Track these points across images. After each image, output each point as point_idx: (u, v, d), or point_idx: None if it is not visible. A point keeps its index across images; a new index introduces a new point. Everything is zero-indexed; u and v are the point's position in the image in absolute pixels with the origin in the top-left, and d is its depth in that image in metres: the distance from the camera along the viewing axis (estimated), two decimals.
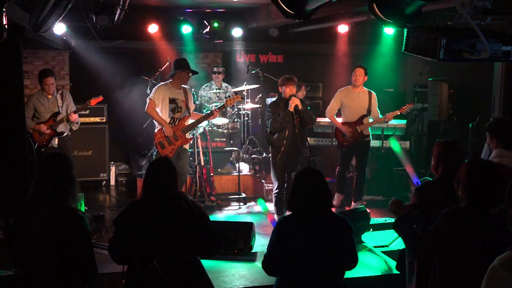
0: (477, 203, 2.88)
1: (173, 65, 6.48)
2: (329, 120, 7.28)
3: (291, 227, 3.19)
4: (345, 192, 7.30)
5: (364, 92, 7.02)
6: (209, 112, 6.48)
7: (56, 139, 6.64)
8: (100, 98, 6.88)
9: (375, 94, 7.08)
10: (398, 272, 4.05)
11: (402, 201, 3.45)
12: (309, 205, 3.18)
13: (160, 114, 6.28)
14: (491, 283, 2.05)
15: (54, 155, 3.33)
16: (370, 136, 7.17)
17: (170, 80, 6.42)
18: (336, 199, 7.19)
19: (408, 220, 3.20)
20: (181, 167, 6.34)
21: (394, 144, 3.99)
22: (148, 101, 6.33)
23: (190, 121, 6.49)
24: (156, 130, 6.42)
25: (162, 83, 6.55)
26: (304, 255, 3.11)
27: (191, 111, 6.49)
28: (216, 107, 6.78)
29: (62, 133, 6.69)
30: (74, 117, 6.67)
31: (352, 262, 3.28)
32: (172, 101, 6.33)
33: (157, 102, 6.26)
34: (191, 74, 6.46)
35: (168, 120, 6.30)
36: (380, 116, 7.03)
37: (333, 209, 3.41)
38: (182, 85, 6.43)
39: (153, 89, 6.41)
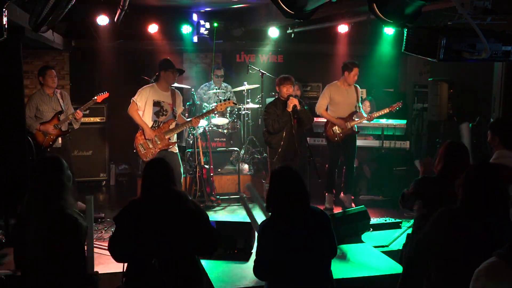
0: (468, 204, 2.87)
1: (158, 67, 6.29)
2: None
3: (274, 229, 3.18)
4: (336, 189, 7.17)
5: (352, 88, 7.00)
6: (189, 120, 6.29)
7: (60, 139, 6.58)
8: (107, 94, 6.81)
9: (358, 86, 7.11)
10: (398, 272, 4.05)
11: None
12: (288, 204, 3.17)
13: (143, 117, 6.12)
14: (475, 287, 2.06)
15: (45, 160, 3.37)
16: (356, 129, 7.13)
17: (156, 82, 6.23)
18: (327, 200, 7.04)
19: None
20: None
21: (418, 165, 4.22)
22: (131, 102, 6.16)
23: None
24: (137, 132, 6.23)
25: (147, 85, 6.35)
26: (291, 253, 3.12)
27: (177, 114, 6.28)
28: (205, 111, 6.57)
29: (68, 131, 6.66)
30: (80, 114, 6.63)
31: (333, 251, 3.33)
32: (156, 103, 6.14)
33: (140, 105, 6.08)
34: (178, 73, 6.30)
35: (151, 123, 6.13)
36: (363, 112, 7.15)
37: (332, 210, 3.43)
38: (171, 87, 6.27)
39: (138, 91, 6.21)
